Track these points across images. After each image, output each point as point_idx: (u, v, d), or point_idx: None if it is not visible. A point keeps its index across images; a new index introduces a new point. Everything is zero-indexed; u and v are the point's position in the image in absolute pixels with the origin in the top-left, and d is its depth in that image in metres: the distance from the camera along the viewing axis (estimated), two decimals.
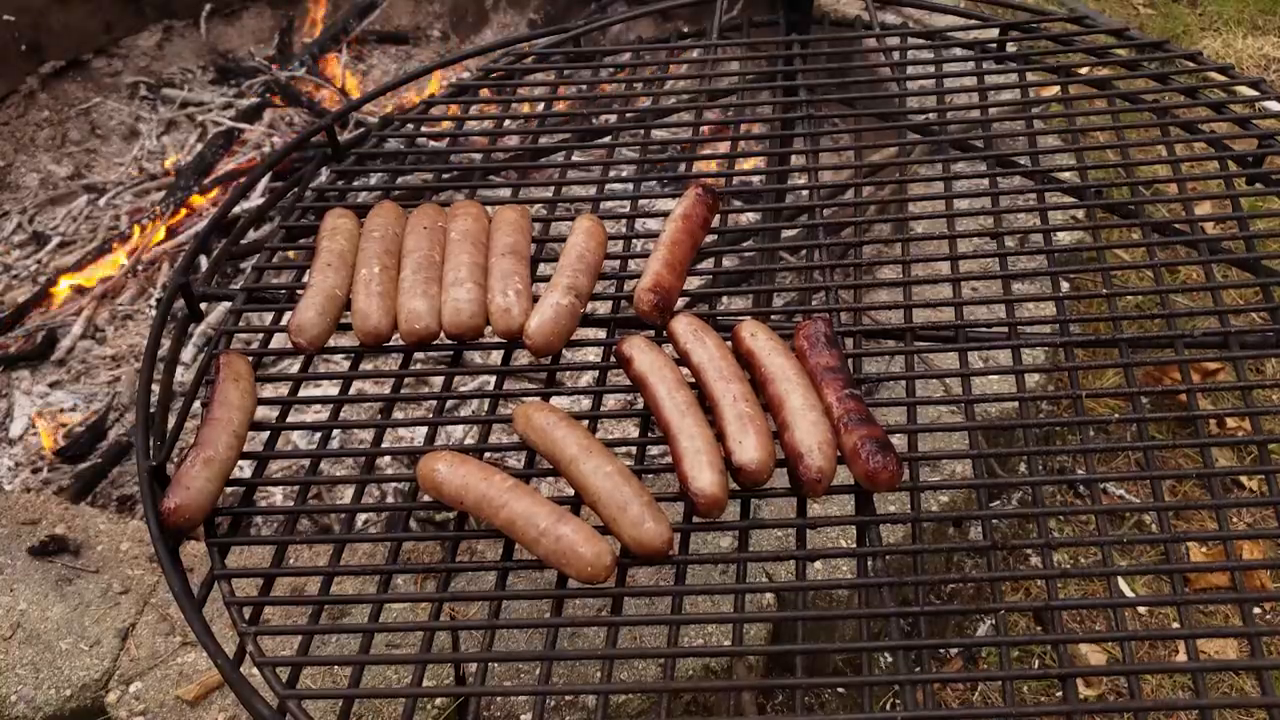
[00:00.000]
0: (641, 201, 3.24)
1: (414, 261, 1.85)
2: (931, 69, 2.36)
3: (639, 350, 1.68)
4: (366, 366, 1.88)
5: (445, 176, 2.35)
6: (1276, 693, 1.38)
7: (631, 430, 2.95)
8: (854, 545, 1.57)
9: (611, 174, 2.34)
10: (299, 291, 1.88)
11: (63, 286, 3.76)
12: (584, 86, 2.65)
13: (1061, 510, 3.08)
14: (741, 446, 1.53)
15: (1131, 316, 1.84)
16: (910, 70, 2.43)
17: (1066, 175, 2.20)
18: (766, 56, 2.49)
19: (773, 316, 1.95)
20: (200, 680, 2.34)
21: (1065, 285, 3.41)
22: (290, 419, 1.80)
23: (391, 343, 1.82)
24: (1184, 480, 3.23)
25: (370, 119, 4.05)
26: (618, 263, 1.99)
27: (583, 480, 1.51)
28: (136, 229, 3.88)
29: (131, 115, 4.66)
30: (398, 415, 2.46)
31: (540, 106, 2.62)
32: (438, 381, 2.86)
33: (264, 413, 1.78)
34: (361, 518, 2.93)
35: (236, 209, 3.56)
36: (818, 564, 2.48)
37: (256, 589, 1.57)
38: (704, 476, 1.49)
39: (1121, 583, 3.02)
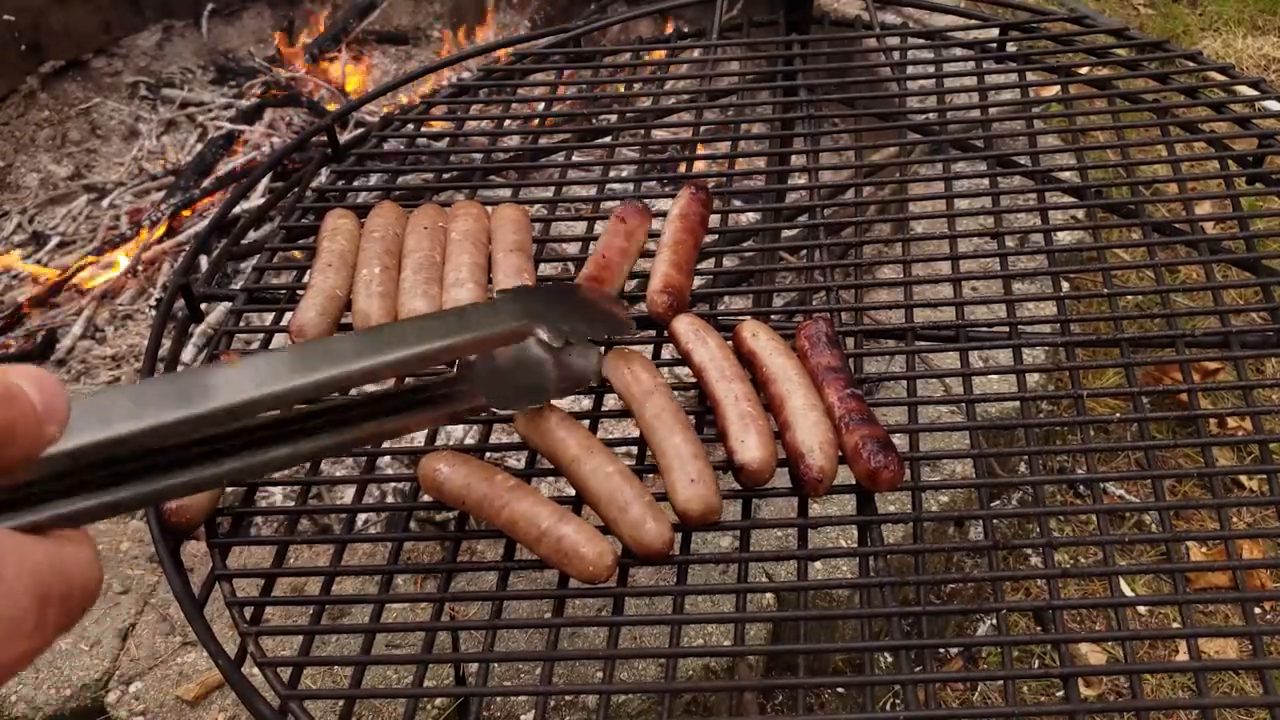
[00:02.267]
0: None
1: (414, 262, 1.85)
2: (931, 69, 2.36)
3: (641, 367, 1.69)
4: None
5: (445, 176, 2.35)
6: (1278, 692, 1.38)
7: (632, 430, 2.94)
8: (855, 545, 1.56)
9: (611, 174, 2.34)
10: (299, 292, 1.87)
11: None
12: (584, 86, 2.64)
13: (1062, 510, 3.09)
14: (744, 446, 1.53)
15: (1132, 316, 1.83)
16: (910, 70, 2.43)
17: (1066, 175, 2.20)
18: (766, 56, 2.49)
19: (773, 316, 1.95)
20: (200, 680, 2.34)
21: (1065, 285, 3.41)
22: None
23: None
24: (1184, 480, 3.23)
25: (370, 119, 4.05)
26: None
27: (584, 481, 1.51)
28: (142, 231, 3.88)
29: (131, 115, 4.66)
30: None
31: (540, 106, 2.62)
32: None
33: None
34: (362, 518, 2.93)
35: (237, 209, 3.56)
36: (819, 564, 2.48)
37: (257, 589, 1.57)
38: (686, 492, 1.48)
39: (1122, 582, 3.02)
